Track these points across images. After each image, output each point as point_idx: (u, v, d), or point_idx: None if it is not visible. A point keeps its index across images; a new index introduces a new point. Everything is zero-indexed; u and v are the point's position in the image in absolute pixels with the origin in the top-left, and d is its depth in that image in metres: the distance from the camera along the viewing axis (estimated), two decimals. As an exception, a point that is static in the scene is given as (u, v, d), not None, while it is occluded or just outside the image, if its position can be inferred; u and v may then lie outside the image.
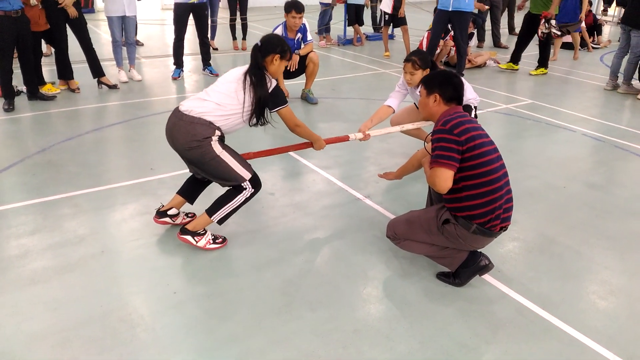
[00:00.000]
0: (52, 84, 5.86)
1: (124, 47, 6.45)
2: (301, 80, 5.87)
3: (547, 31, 6.96)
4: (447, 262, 2.58)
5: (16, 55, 5.25)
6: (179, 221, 3.04)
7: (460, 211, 2.39)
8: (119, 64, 6.45)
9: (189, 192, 3.00)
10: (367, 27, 10.88)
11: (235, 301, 2.43)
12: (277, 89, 2.75)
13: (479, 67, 7.90)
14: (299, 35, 5.48)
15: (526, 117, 5.51)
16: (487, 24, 9.90)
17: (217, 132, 2.63)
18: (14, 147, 4.24)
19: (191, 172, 2.95)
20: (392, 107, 3.64)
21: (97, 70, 6.04)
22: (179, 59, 6.70)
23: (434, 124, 2.52)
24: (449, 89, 2.47)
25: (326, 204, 3.44)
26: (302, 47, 5.54)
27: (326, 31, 9.83)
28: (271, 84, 2.72)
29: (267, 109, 2.74)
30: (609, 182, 3.90)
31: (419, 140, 4.18)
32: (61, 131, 4.66)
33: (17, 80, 5.54)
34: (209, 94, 2.69)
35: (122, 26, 6.18)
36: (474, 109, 3.64)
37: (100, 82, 6.11)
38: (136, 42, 8.26)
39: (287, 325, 2.29)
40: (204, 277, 2.62)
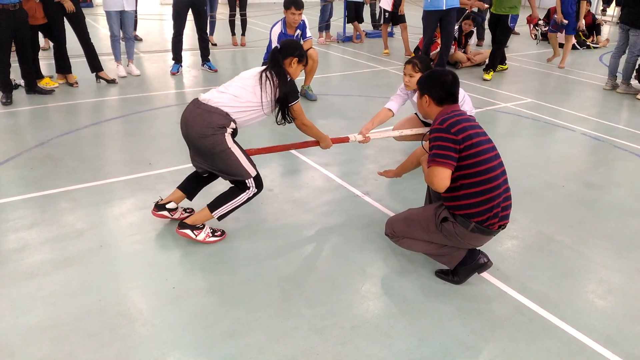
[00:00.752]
0: (50, 77, 5.84)
1: (122, 41, 6.43)
2: (300, 76, 5.84)
3: (538, 32, 6.95)
4: (445, 259, 2.58)
5: (14, 48, 5.23)
6: (177, 216, 3.03)
7: (458, 209, 2.39)
8: (118, 59, 6.43)
9: (189, 189, 3.01)
10: (366, 25, 10.87)
11: (233, 297, 2.43)
12: (294, 84, 2.86)
13: (479, 65, 7.91)
14: (298, 31, 5.46)
15: (525, 116, 5.51)
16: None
17: (232, 124, 2.68)
18: (11, 141, 4.22)
19: (195, 168, 2.94)
20: (392, 111, 3.65)
21: (95, 64, 6.02)
22: (177, 54, 6.69)
23: (432, 123, 2.51)
24: (436, 90, 2.47)
25: (325, 200, 3.44)
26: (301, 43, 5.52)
27: (326, 28, 9.81)
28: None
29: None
30: (607, 181, 3.91)
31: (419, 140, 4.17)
32: (59, 125, 4.64)
33: (15, 73, 5.52)
34: (227, 87, 2.78)
35: (120, 21, 6.16)
36: None
37: (98, 77, 6.09)
38: (135, 37, 8.25)
39: (285, 321, 2.29)
40: (203, 272, 2.62)
